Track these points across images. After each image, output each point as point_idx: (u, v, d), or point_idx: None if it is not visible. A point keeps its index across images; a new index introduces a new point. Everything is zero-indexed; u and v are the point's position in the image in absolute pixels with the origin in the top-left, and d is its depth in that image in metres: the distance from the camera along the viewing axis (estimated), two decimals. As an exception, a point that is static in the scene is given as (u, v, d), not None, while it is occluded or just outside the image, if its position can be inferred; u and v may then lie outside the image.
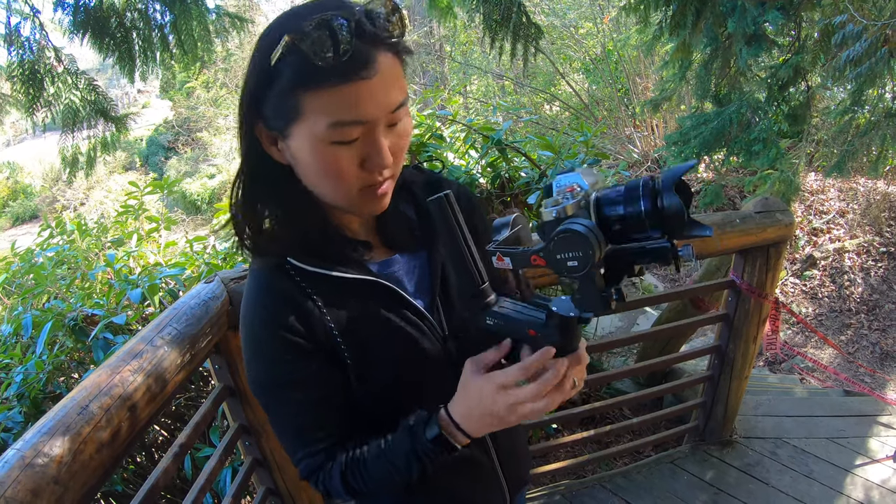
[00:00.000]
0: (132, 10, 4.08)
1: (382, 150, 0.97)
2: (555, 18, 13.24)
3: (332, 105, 0.91)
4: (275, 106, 0.95)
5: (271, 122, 0.98)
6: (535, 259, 0.91)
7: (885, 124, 4.07)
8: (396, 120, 0.99)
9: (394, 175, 1.06)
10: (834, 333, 7.60)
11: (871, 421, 3.72)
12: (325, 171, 0.99)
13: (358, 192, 1.02)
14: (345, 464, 1.11)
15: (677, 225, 0.81)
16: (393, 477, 1.09)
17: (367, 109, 0.93)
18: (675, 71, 5.22)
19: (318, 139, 0.95)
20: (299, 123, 0.95)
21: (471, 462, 1.27)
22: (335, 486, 1.12)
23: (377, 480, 1.10)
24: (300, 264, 1.09)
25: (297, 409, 1.12)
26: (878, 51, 3.51)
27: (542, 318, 0.99)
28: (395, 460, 1.08)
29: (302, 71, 0.90)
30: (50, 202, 20.79)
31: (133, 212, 3.76)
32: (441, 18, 4.75)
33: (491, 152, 3.47)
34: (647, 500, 3.07)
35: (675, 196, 0.79)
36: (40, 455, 1.06)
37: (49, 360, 2.54)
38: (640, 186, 0.82)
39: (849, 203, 9.09)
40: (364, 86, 0.91)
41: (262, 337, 1.10)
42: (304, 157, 0.99)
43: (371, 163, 0.98)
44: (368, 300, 1.12)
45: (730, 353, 3.08)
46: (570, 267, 0.85)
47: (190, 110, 21.23)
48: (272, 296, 1.09)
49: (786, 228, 2.75)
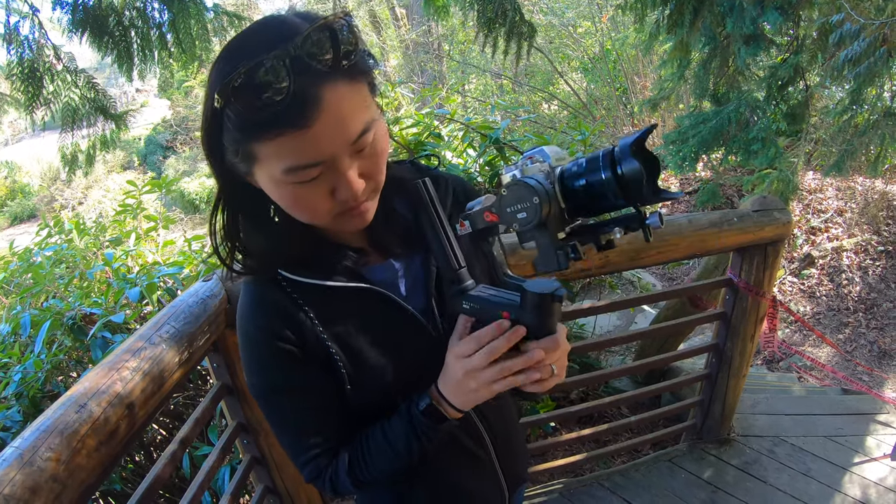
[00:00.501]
0: (131, 9, 4.07)
1: (350, 182, 0.94)
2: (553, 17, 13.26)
3: (283, 152, 0.88)
4: (232, 149, 0.92)
5: (233, 158, 0.94)
6: (487, 215, 0.93)
7: (884, 123, 4.08)
8: (362, 146, 0.94)
9: (375, 189, 1.03)
10: (832, 332, 7.61)
11: (869, 419, 3.72)
12: (294, 207, 0.98)
13: (335, 217, 1.00)
14: (349, 461, 1.14)
15: (639, 190, 0.80)
16: (395, 463, 1.12)
17: (322, 150, 0.89)
18: (673, 70, 5.23)
19: (278, 181, 0.93)
20: (258, 167, 0.93)
21: (470, 457, 1.27)
22: (343, 484, 1.15)
23: (381, 469, 1.13)
24: (292, 276, 1.09)
25: (295, 415, 1.14)
26: (877, 50, 3.52)
27: (517, 300, 0.99)
28: (396, 443, 1.11)
29: (244, 122, 0.87)
30: (48, 201, 20.77)
31: (131, 211, 3.75)
32: (437, 16, 4.75)
33: (489, 151, 3.47)
34: (645, 498, 3.07)
35: (634, 161, 0.79)
36: (39, 453, 1.06)
37: (47, 359, 2.54)
38: (599, 156, 0.83)
39: (847, 202, 9.10)
40: (311, 130, 0.86)
41: (256, 346, 1.12)
42: (272, 193, 0.97)
43: (340, 194, 0.96)
44: (361, 308, 1.13)
45: (727, 351, 3.08)
46: (520, 220, 0.86)
47: (188, 109, 21.24)
48: (264, 308, 1.10)
49: (783, 227, 2.76)
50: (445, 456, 1.23)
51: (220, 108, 0.87)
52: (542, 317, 0.99)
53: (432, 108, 4.46)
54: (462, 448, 1.25)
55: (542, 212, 0.84)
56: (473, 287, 1.05)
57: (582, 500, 3.06)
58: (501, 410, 1.35)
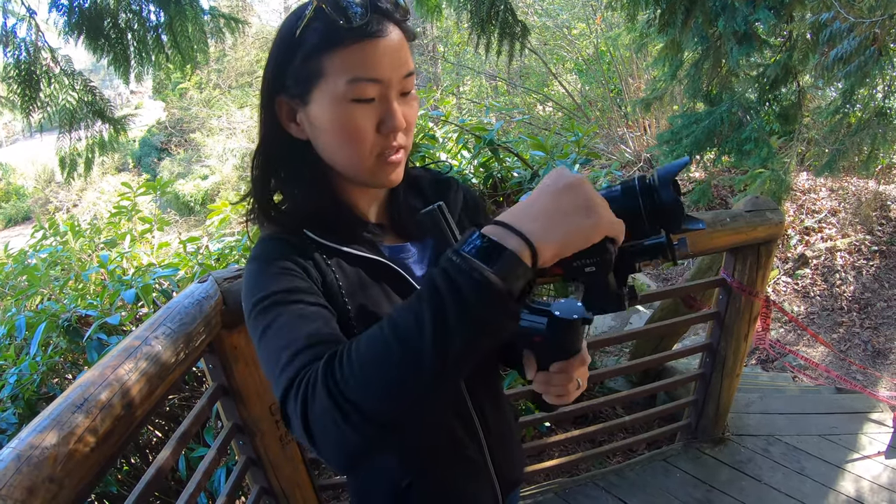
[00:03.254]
0: (126, 11, 4.07)
1: (396, 112, 1.03)
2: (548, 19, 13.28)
3: (350, 62, 0.98)
4: (297, 73, 1.02)
5: (293, 90, 1.04)
6: (552, 270, 0.84)
7: (876, 123, 4.10)
8: (408, 88, 1.05)
9: (406, 147, 1.10)
10: (826, 332, 7.63)
11: (863, 418, 3.74)
12: (344, 132, 1.03)
13: (374, 158, 1.06)
14: (328, 356, 0.84)
15: (674, 219, 0.82)
16: (391, 348, 0.77)
17: (382, 68, 1.00)
18: (665, 70, 5.25)
19: (338, 98, 1.00)
20: (320, 86, 1.01)
21: (464, 459, 1.27)
22: (318, 397, 0.80)
23: (369, 361, 0.78)
24: (316, 237, 1.11)
25: (291, 323, 0.96)
26: (867, 49, 3.54)
27: (544, 323, 1.00)
28: (401, 314, 0.79)
29: (324, 34, 0.98)
30: (43, 204, 20.74)
31: (126, 213, 3.77)
32: (429, 16, 4.77)
33: (483, 152, 3.49)
34: (640, 497, 3.09)
35: (672, 191, 0.81)
36: (35, 453, 1.06)
37: (43, 362, 2.55)
38: (636, 185, 0.83)
39: (840, 202, 9.12)
40: (379, 44, 0.98)
41: (271, 264, 1.05)
42: (323, 121, 1.04)
43: (386, 125, 1.03)
44: (375, 280, 1.14)
45: (721, 350, 3.10)
46: (587, 273, 0.83)
47: (183, 111, 21.18)
48: (285, 245, 1.09)
49: (776, 227, 2.77)
50: (439, 454, 1.24)
51: (297, 37, 1.00)
52: (573, 339, 1.01)
53: (427, 110, 4.48)
54: (457, 447, 1.25)
55: (612, 264, 0.82)
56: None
57: (577, 500, 3.08)
58: (501, 415, 1.36)
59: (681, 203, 0.81)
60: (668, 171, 0.82)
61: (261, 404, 2.03)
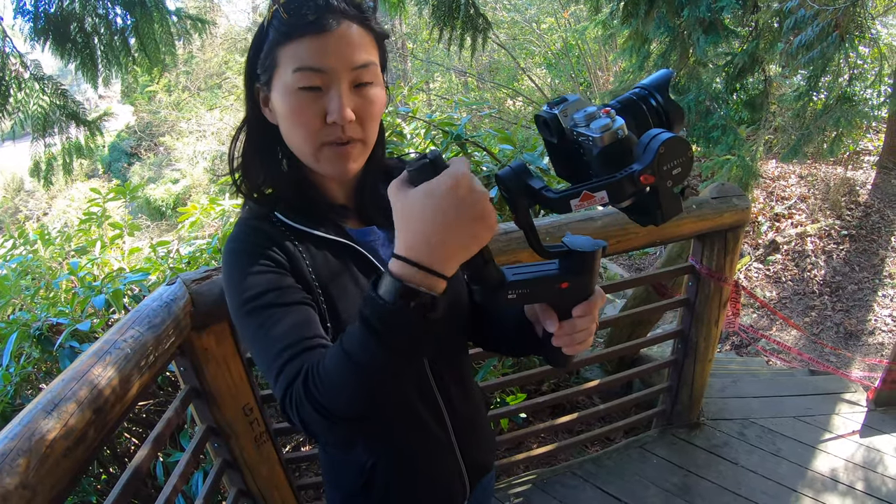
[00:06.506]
0: (93, 16, 4.04)
1: (341, 104, 1.08)
2: (516, 14, 13.32)
3: (297, 54, 1.06)
4: (263, 63, 1.12)
5: (262, 77, 1.14)
6: (645, 178, 0.83)
7: (839, 108, 4.16)
8: (361, 80, 1.11)
9: (363, 140, 1.15)
10: (798, 315, 7.74)
11: (837, 398, 3.80)
12: (291, 118, 1.11)
13: (323, 147, 1.12)
14: (306, 371, 0.97)
15: (678, 115, 0.91)
16: (348, 365, 0.91)
17: (327, 59, 1.06)
18: (633, 62, 5.29)
19: (287, 87, 1.08)
20: (276, 75, 1.10)
21: (429, 436, 1.29)
22: (304, 406, 0.95)
23: (334, 380, 0.93)
24: (285, 219, 1.18)
25: (277, 322, 1.05)
26: (829, 35, 3.59)
27: (556, 266, 0.99)
28: (349, 339, 0.92)
29: (280, 29, 1.07)
30: (12, 213, 20.46)
31: (96, 219, 3.73)
32: (392, 12, 4.79)
33: (451, 148, 3.50)
34: (617, 484, 3.11)
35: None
36: (7, 460, 1.06)
37: (16, 372, 2.53)
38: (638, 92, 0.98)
39: (809, 188, 9.26)
40: (326, 37, 1.06)
41: (247, 257, 1.11)
42: (278, 107, 1.12)
43: (330, 115, 1.08)
44: (342, 262, 1.18)
45: (693, 336, 3.13)
46: (675, 175, 0.83)
47: (152, 115, 20.97)
48: (262, 233, 1.15)
49: (742, 213, 2.81)
50: (403, 435, 1.27)
51: (266, 26, 1.10)
52: (592, 274, 1.01)
53: (395, 106, 4.48)
54: (421, 429, 1.27)
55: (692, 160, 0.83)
56: (504, 275, 0.96)
57: (555, 490, 3.10)
58: (468, 399, 1.38)
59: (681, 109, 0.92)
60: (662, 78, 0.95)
61: (234, 405, 2.03)
